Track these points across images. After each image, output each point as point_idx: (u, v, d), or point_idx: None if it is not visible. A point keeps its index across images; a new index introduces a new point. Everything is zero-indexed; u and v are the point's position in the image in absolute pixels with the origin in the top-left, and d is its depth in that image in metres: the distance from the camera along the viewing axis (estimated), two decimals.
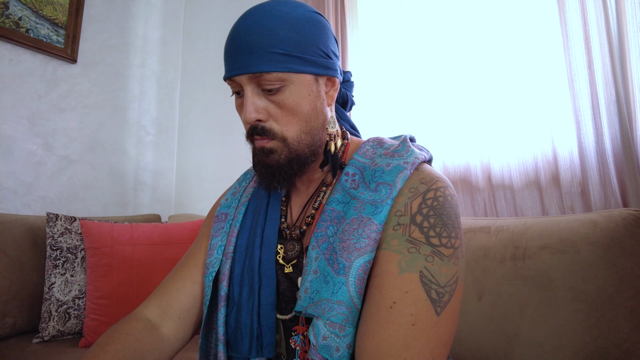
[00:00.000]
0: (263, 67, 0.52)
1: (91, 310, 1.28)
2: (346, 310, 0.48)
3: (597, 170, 1.04)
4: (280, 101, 0.55)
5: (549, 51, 1.14)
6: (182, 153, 2.29)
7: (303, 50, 0.54)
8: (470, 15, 1.31)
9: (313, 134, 0.58)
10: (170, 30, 2.32)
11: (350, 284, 0.48)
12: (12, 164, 1.63)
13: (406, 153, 0.56)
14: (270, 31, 0.53)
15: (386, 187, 0.53)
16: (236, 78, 0.55)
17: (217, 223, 0.69)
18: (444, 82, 1.35)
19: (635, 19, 0.98)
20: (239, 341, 0.58)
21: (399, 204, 0.52)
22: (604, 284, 0.81)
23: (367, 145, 0.62)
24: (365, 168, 0.57)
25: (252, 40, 0.52)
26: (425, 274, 0.46)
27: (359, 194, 0.54)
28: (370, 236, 0.50)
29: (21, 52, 1.68)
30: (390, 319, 0.45)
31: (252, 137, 0.58)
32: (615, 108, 1.01)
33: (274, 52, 0.52)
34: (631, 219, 0.83)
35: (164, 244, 1.45)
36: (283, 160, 0.57)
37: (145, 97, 2.17)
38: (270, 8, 0.55)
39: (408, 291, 0.45)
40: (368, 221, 0.51)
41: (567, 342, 0.82)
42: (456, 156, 1.31)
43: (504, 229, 0.98)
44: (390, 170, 0.54)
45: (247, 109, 0.55)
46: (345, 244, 0.50)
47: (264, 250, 0.60)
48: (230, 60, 0.55)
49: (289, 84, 0.54)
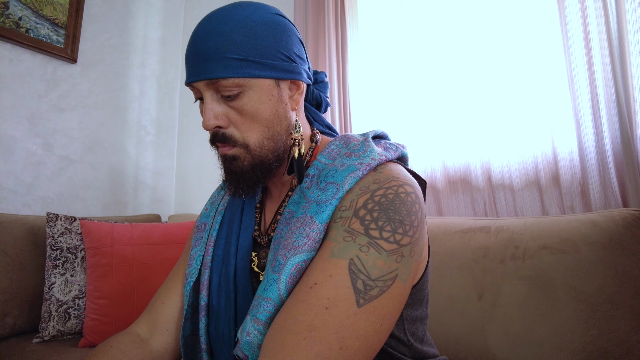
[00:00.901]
0: (219, 73, 0.51)
1: (91, 310, 1.28)
2: (273, 308, 0.47)
3: (597, 170, 1.04)
4: (240, 107, 0.54)
5: (549, 51, 1.14)
6: (182, 153, 2.29)
7: (261, 54, 0.53)
8: (470, 15, 1.31)
9: (276, 139, 0.56)
10: (170, 30, 2.32)
11: (281, 281, 0.47)
12: (12, 164, 1.63)
13: (364, 153, 0.54)
14: (226, 36, 0.51)
15: (333, 187, 0.51)
16: (195, 84, 0.54)
17: (197, 233, 0.69)
18: (444, 82, 1.35)
19: (635, 19, 0.98)
20: (219, 351, 0.59)
21: (345, 200, 0.50)
22: (604, 283, 0.81)
23: (332, 145, 0.60)
24: (324, 168, 0.56)
25: (208, 46, 0.51)
26: (356, 263, 0.44)
27: (309, 194, 0.53)
28: (310, 235, 0.49)
29: (21, 52, 1.68)
30: (305, 298, 0.43)
31: (215, 144, 0.57)
32: (615, 108, 1.01)
33: (230, 57, 0.51)
34: (631, 219, 0.83)
35: (164, 244, 1.45)
36: (246, 167, 0.56)
37: (145, 97, 2.17)
38: (227, 12, 0.54)
39: (332, 275, 0.43)
40: (310, 220, 0.50)
41: (567, 342, 0.82)
42: (456, 156, 1.31)
43: (504, 229, 0.98)
44: (343, 170, 0.53)
45: (206, 115, 0.54)
46: (286, 242, 0.50)
47: (239, 259, 0.60)
48: (189, 67, 0.54)
49: (247, 89, 0.53)
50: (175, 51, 2.35)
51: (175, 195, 2.28)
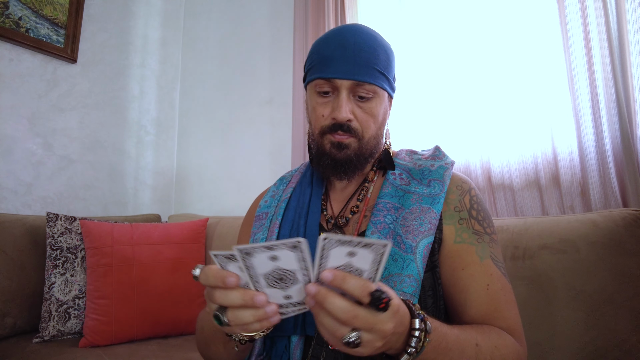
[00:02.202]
0: (367, 79, 0.64)
1: (91, 310, 1.28)
2: (415, 282, 0.58)
3: (597, 170, 1.04)
4: (369, 108, 0.66)
5: (549, 51, 1.14)
6: (182, 153, 2.29)
7: (389, 72, 0.68)
8: (470, 14, 1.31)
9: (378, 139, 0.70)
10: (170, 30, 2.32)
11: (418, 260, 0.59)
12: (12, 163, 1.63)
13: (443, 156, 0.72)
14: (374, 51, 0.65)
15: (438, 183, 0.66)
16: (337, 81, 0.64)
17: (258, 222, 0.77)
18: (444, 82, 1.35)
19: (635, 19, 0.98)
20: (284, 321, 0.61)
21: (453, 200, 0.67)
22: (604, 284, 0.81)
23: (402, 153, 0.77)
24: (410, 169, 0.71)
25: (361, 55, 0.64)
26: (493, 257, 0.63)
27: (413, 189, 0.67)
28: (432, 222, 0.62)
29: (21, 51, 1.68)
30: (491, 295, 0.60)
31: (332, 132, 0.66)
32: (615, 108, 1.01)
33: (376, 69, 0.65)
34: (631, 219, 0.83)
35: (164, 244, 1.45)
36: (353, 155, 0.67)
37: (145, 96, 2.17)
38: (369, 30, 0.68)
39: (492, 274, 0.61)
40: (428, 210, 0.63)
41: (567, 342, 0.82)
42: (456, 156, 1.31)
43: (504, 229, 0.98)
44: (436, 169, 0.68)
45: (343, 108, 0.64)
46: (409, 229, 0.62)
47: (308, 238, 0.63)
48: (334, 65, 0.64)
49: (376, 96, 0.66)
50: (175, 51, 2.35)
51: (175, 195, 2.28)
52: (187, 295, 1.41)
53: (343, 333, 0.39)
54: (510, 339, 0.57)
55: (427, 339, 0.44)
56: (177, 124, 2.33)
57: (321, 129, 0.68)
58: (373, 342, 0.40)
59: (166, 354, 1.20)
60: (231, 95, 2.10)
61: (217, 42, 2.21)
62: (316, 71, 0.67)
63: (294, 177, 0.82)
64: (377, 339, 0.40)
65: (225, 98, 2.13)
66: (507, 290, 0.62)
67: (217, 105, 2.16)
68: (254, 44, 2.03)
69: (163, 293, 1.36)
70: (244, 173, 1.99)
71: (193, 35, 2.34)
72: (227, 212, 1.97)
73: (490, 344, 0.53)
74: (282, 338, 0.64)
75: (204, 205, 2.13)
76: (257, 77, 2.00)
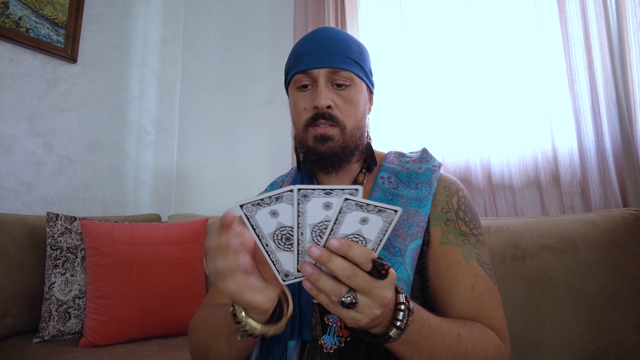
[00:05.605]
0: (342, 65, 0.66)
1: (91, 310, 1.28)
2: (404, 286, 0.59)
3: (597, 170, 1.04)
4: (347, 96, 0.67)
5: (549, 51, 1.14)
6: (182, 153, 2.29)
7: (364, 63, 0.69)
8: (470, 14, 1.31)
9: (361, 131, 0.70)
10: (170, 30, 2.32)
11: (407, 263, 0.60)
12: (12, 163, 1.63)
13: (431, 159, 0.72)
14: (346, 42, 0.68)
15: (425, 186, 0.67)
16: (314, 71, 0.66)
17: None
18: (444, 82, 1.35)
19: (635, 19, 0.98)
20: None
21: (440, 201, 0.67)
22: (604, 284, 0.81)
23: (391, 156, 0.76)
24: (398, 172, 0.71)
25: (333, 45, 0.66)
26: (479, 259, 0.63)
27: (401, 192, 0.67)
28: (420, 225, 0.63)
29: (21, 51, 1.68)
30: (476, 296, 0.60)
31: (315, 122, 0.67)
32: (615, 108, 1.01)
33: (350, 57, 0.67)
34: (631, 219, 0.83)
35: (164, 243, 1.45)
36: (338, 148, 0.67)
37: (145, 96, 2.17)
38: (342, 31, 0.71)
39: (477, 275, 0.61)
40: (416, 213, 0.64)
41: (567, 342, 0.82)
42: (456, 156, 1.31)
43: (504, 229, 0.98)
44: (424, 172, 0.69)
45: (322, 95, 0.65)
46: (397, 232, 0.62)
47: None
48: (309, 57, 0.66)
49: (354, 84, 0.68)
50: (175, 51, 2.35)
51: (175, 195, 2.28)
52: (187, 295, 1.41)
53: (342, 293, 0.40)
54: (494, 335, 0.58)
55: (410, 318, 0.46)
56: (177, 124, 2.33)
57: (304, 122, 0.68)
58: (371, 307, 0.41)
59: (166, 354, 1.20)
60: (231, 95, 2.10)
61: (217, 42, 2.20)
62: (293, 68, 0.68)
63: (284, 183, 0.82)
64: (375, 305, 0.41)
65: (225, 98, 2.13)
66: (493, 291, 0.62)
67: (217, 105, 2.16)
68: (254, 44, 2.03)
69: (163, 293, 1.37)
70: (244, 173, 1.99)
71: (193, 35, 2.34)
72: None
73: (472, 337, 0.54)
74: (279, 344, 0.64)
75: (204, 205, 2.13)
76: (257, 77, 2.00)
